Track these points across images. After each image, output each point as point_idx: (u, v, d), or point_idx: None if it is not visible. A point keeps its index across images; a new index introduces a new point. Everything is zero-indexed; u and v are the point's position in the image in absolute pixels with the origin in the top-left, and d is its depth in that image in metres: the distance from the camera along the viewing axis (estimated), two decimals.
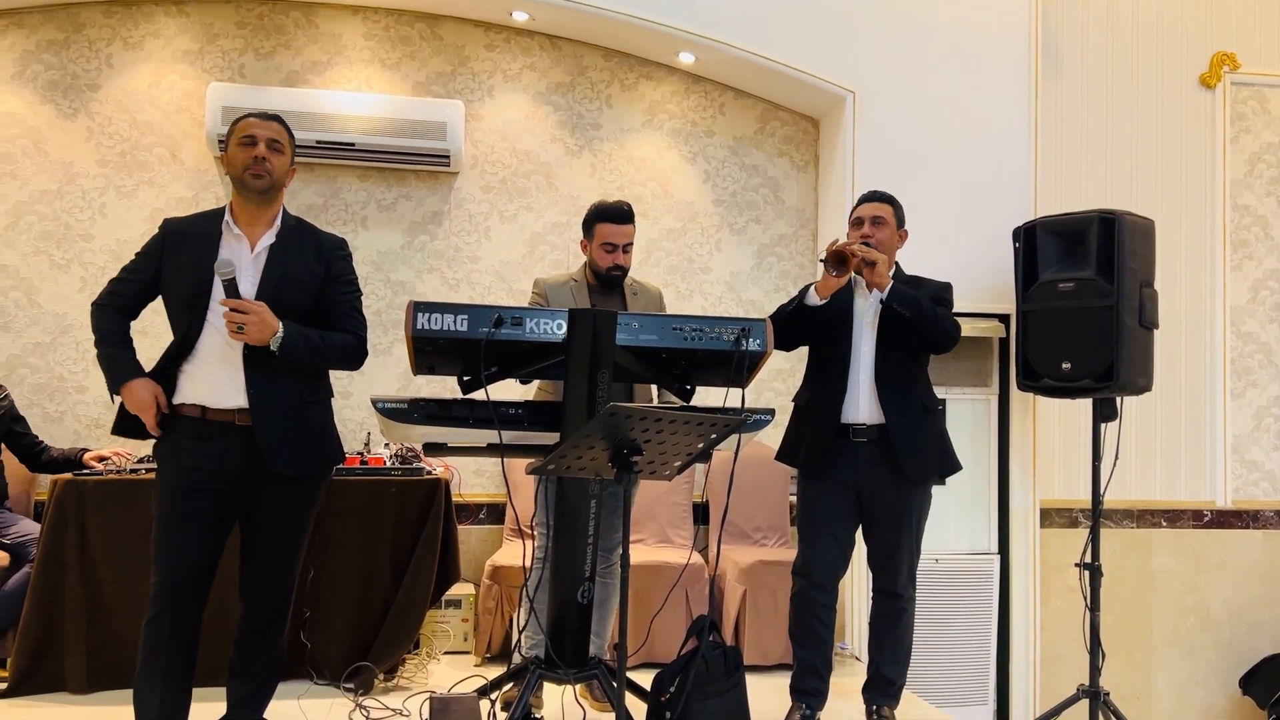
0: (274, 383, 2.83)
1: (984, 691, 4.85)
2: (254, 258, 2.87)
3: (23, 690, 3.72)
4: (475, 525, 4.89)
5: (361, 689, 3.79)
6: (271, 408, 2.82)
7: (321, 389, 3.02)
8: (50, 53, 4.73)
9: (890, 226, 3.60)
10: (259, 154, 2.84)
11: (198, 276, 2.82)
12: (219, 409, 2.82)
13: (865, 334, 3.51)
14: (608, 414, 2.51)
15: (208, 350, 2.83)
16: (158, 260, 2.91)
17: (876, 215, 3.58)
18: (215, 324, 2.81)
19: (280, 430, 2.83)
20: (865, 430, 3.47)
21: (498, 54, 5.06)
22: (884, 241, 3.55)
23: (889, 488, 3.47)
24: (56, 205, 4.71)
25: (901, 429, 3.45)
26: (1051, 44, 5.17)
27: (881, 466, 3.46)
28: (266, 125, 2.90)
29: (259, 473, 2.83)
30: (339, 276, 3.00)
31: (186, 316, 2.84)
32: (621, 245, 3.67)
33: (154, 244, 2.94)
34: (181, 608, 2.79)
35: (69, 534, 3.76)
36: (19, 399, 4.39)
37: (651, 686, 3.10)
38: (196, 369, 2.84)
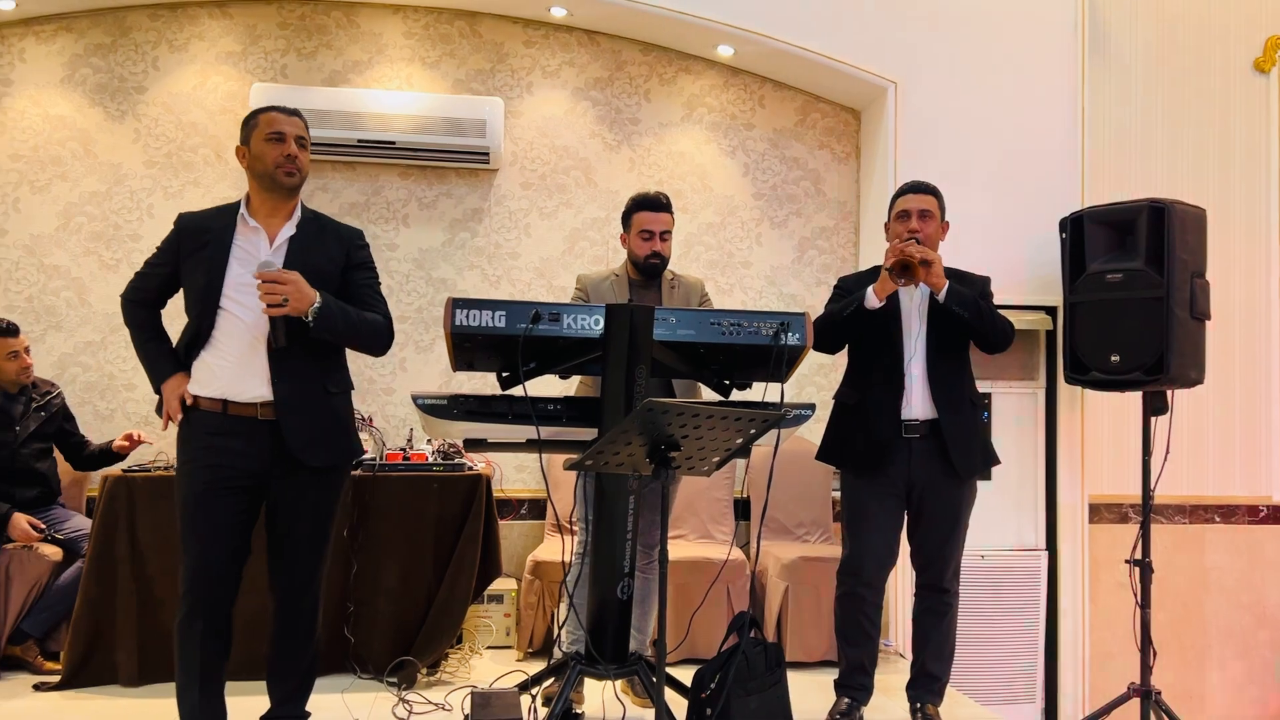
0: (299, 375, 2.83)
1: (1032, 689, 4.78)
2: (273, 251, 2.87)
3: (76, 682, 3.79)
4: (517, 520, 4.90)
5: (405, 683, 3.81)
6: (297, 400, 2.82)
7: (344, 380, 3.02)
8: (98, 56, 4.81)
9: (936, 220, 3.54)
10: (290, 151, 2.84)
11: (212, 270, 2.82)
12: (241, 402, 2.82)
13: (915, 329, 3.47)
14: (644, 409, 2.49)
15: (228, 342, 2.82)
16: (175, 254, 2.92)
17: (924, 209, 3.51)
18: (235, 314, 2.81)
19: (307, 422, 2.83)
20: (917, 426, 3.43)
21: (536, 50, 5.06)
22: (931, 236, 3.50)
23: (940, 483, 3.44)
24: (105, 206, 4.79)
25: (953, 425, 3.42)
26: (1099, 30, 5.07)
27: (933, 462, 3.42)
28: (292, 121, 2.89)
29: (282, 466, 2.83)
30: (360, 264, 3.00)
31: (199, 308, 2.85)
32: (659, 232, 3.66)
33: (170, 239, 2.96)
34: (210, 606, 2.81)
35: (119, 529, 3.82)
36: (70, 397, 4.47)
37: (692, 683, 3.08)
38: (216, 361, 2.83)
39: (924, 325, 3.46)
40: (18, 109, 4.74)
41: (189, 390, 2.86)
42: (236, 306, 2.82)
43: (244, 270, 2.83)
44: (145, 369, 2.97)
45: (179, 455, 2.90)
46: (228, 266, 2.83)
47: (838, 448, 3.59)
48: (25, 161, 4.74)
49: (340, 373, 3.01)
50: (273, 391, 2.81)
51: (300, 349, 2.83)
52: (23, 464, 4.13)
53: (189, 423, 2.86)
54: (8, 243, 4.71)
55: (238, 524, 2.84)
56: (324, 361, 2.92)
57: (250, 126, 2.90)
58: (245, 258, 2.85)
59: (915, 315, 3.47)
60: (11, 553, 4.01)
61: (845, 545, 3.57)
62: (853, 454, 3.52)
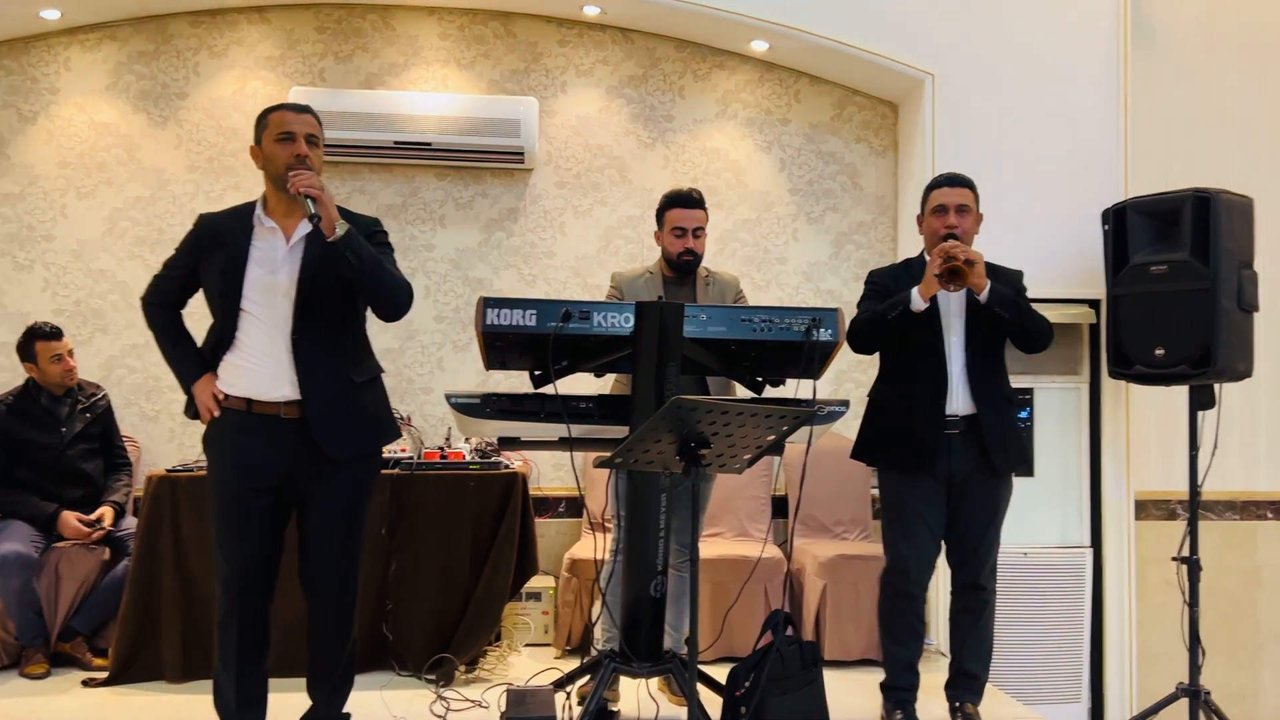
0: (323, 367, 2.83)
1: (1077, 689, 4.70)
2: (289, 249, 2.85)
3: (124, 678, 3.86)
4: (554, 519, 4.92)
5: (443, 680, 3.84)
6: (322, 395, 2.82)
7: (370, 367, 3.00)
8: (141, 63, 4.90)
9: (974, 214, 3.49)
10: (300, 151, 2.80)
11: (230, 270, 2.83)
12: (266, 401, 2.83)
13: (954, 325, 3.42)
14: (673, 406, 2.49)
15: (250, 342, 2.83)
16: (193, 256, 2.94)
17: (962, 203, 3.45)
18: (256, 315, 2.82)
19: (332, 416, 2.83)
20: (957, 423, 3.39)
21: (570, 49, 5.07)
22: (969, 231, 3.45)
23: (979, 480, 3.40)
24: (149, 210, 4.87)
25: (992, 421, 3.39)
26: (1142, 15, 4.97)
27: (972, 459, 3.38)
28: (302, 119, 2.86)
29: (309, 463, 2.83)
30: (377, 244, 2.94)
31: (220, 311, 2.87)
32: (691, 229, 3.65)
33: (189, 240, 2.97)
34: (249, 606, 2.85)
35: (164, 528, 3.89)
36: (116, 399, 4.56)
37: (726, 681, 3.07)
38: (240, 361, 2.84)
39: (963, 322, 3.42)
40: (64, 116, 4.84)
41: (217, 388, 2.88)
42: (257, 308, 2.83)
43: (262, 272, 2.83)
44: (173, 371, 2.99)
45: (208, 455, 2.94)
46: (246, 269, 2.83)
47: (877, 446, 3.54)
48: (72, 168, 4.84)
49: (364, 361, 2.98)
50: (298, 387, 2.80)
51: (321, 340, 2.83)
52: (69, 465, 4.21)
53: (215, 423, 2.89)
54: (56, 248, 4.81)
55: (269, 521, 2.87)
56: (346, 351, 2.91)
57: (261, 127, 2.89)
58: (263, 259, 2.85)
59: (955, 312, 3.43)
60: (61, 551, 4.10)
61: (889, 545, 3.52)
62: (895, 452, 3.47)
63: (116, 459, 4.42)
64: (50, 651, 4.06)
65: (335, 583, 2.93)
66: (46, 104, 4.84)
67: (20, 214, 4.80)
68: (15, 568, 3.92)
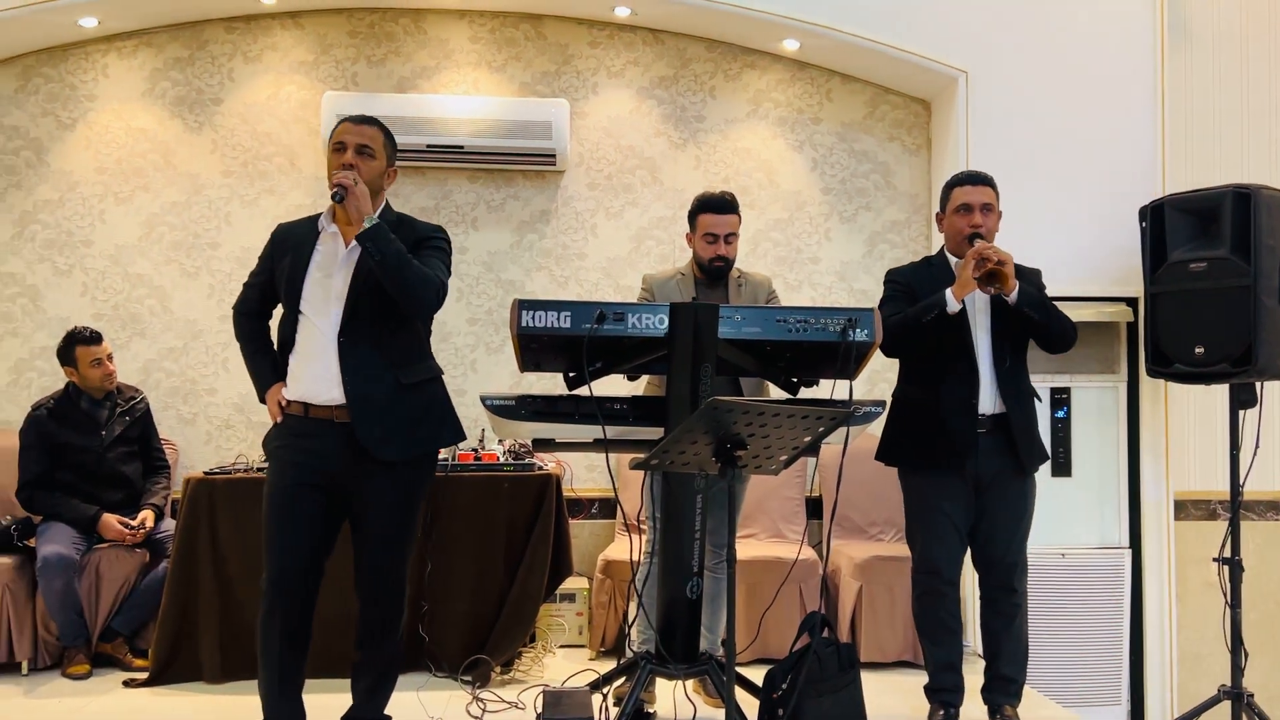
0: (368, 371, 2.86)
1: (1117, 691, 4.65)
2: (347, 253, 2.90)
3: (164, 679, 3.91)
4: (588, 520, 4.92)
5: (479, 681, 3.85)
6: (367, 397, 2.85)
7: (422, 369, 3.01)
8: (177, 70, 4.95)
9: (996, 212, 3.47)
10: (345, 161, 2.86)
11: (294, 277, 2.91)
12: (320, 405, 2.89)
13: (981, 323, 3.40)
14: (709, 408, 2.48)
15: (307, 347, 2.91)
16: (269, 263, 3.04)
17: (986, 202, 3.43)
18: (311, 318, 2.89)
19: (378, 418, 2.86)
20: (985, 421, 3.37)
21: (601, 50, 5.08)
22: (993, 229, 3.44)
23: (1007, 479, 3.39)
24: (185, 215, 4.93)
25: (1019, 418, 3.38)
26: (1179, 10, 4.91)
27: (999, 457, 3.37)
28: (359, 130, 2.92)
29: (362, 465, 2.87)
30: (427, 245, 2.97)
31: (285, 313, 2.97)
32: (723, 235, 3.64)
33: (265, 249, 3.09)
34: (292, 603, 2.87)
35: (201, 531, 3.93)
36: (154, 402, 4.60)
37: (763, 683, 3.06)
38: (298, 365, 2.93)
39: (989, 319, 3.41)
40: (102, 123, 4.90)
41: (282, 394, 2.96)
42: (312, 311, 2.90)
43: (321, 275, 2.90)
44: (251, 379, 3.09)
45: (267, 456, 3.02)
46: (307, 273, 2.91)
47: (904, 446, 3.51)
48: (109, 174, 4.90)
49: (417, 363, 3.00)
50: (343, 390, 2.85)
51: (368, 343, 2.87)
52: (109, 468, 4.26)
53: (276, 427, 2.98)
54: (94, 253, 4.87)
55: (318, 523, 2.90)
56: (396, 354, 2.92)
57: (330, 137, 2.98)
58: (323, 263, 2.92)
59: (980, 309, 3.42)
60: (101, 553, 4.15)
61: (916, 545, 3.51)
62: (926, 452, 3.44)
63: (155, 462, 4.47)
64: (92, 652, 4.11)
65: (382, 583, 2.96)
66: (85, 111, 4.90)
67: (59, 220, 4.87)
68: (57, 569, 3.97)
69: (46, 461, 4.20)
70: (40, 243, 4.85)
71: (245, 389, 4.82)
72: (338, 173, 2.82)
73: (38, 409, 4.25)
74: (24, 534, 4.19)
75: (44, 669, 4.11)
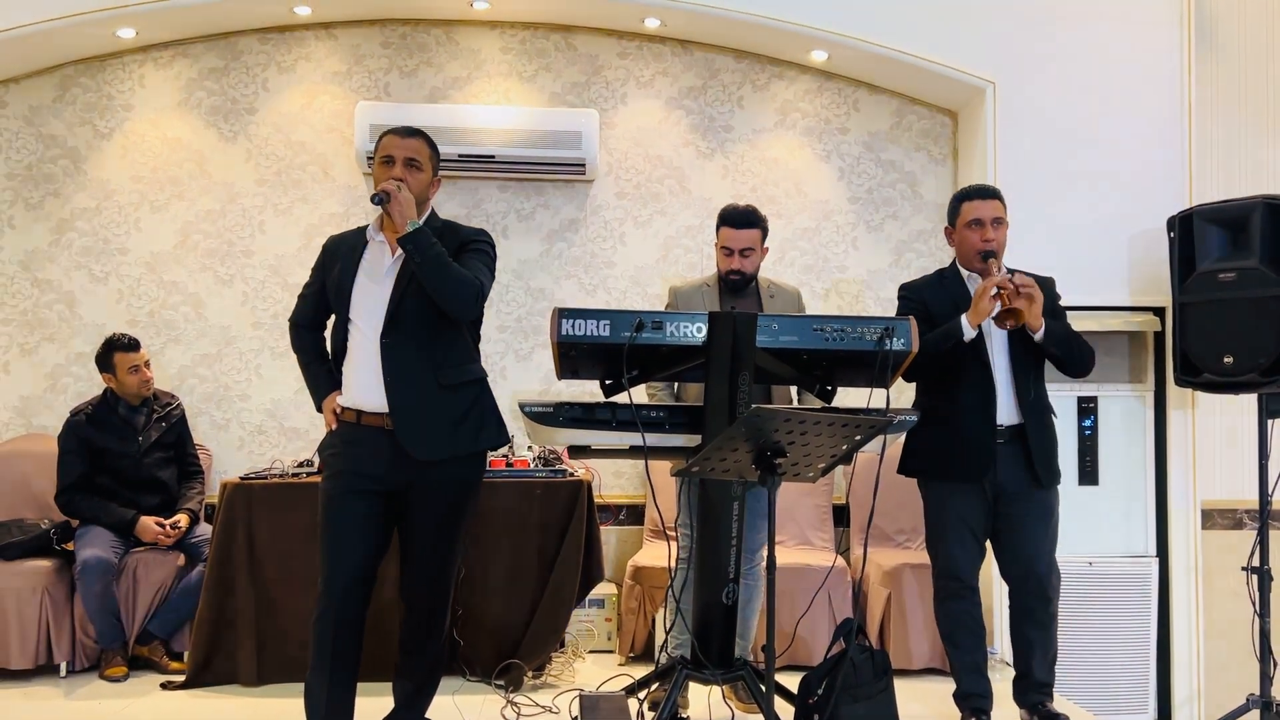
0: (408, 374, 2.91)
1: (1143, 699, 4.66)
2: (393, 262, 2.96)
3: (200, 682, 3.96)
4: (615, 526, 4.96)
5: (512, 686, 3.89)
6: (406, 399, 2.90)
7: (465, 371, 3.03)
8: (212, 80, 5.02)
9: (1007, 226, 3.50)
10: (395, 175, 2.91)
11: (343, 286, 2.98)
12: (371, 413, 2.94)
13: (997, 334, 3.43)
14: (751, 416, 2.52)
15: (357, 355, 2.97)
16: (321, 274, 3.11)
17: (997, 216, 3.46)
18: (360, 326, 2.95)
19: (417, 419, 2.91)
20: (1004, 432, 3.40)
21: (630, 61, 5.12)
22: (1004, 242, 3.47)
23: (1028, 489, 3.40)
24: (220, 224, 4.99)
25: (1036, 431, 3.40)
26: (1205, 20, 4.93)
27: (1017, 469, 3.39)
28: (405, 144, 2.97)
29: (411, 470, 2.92)
30: (471, 249, 3.02)
31: (336, 322, 3.04)
32: (739, 250, 3.66)
33: (318, 259, 3.15)
34: (344, 606, 2.91)
35: (238, 535, 3.98)
36: (188, 407, 4.66)
37: (799, 689, 3.09)
38: (350, 373, 2.99)
39: (1006, 331, 3.41)
40: (138, 132, 4.97)
41: (337, 402, 3.03)
42: (360, 318, 2.95)
43: (369, 283, 2.96)
44: (309, 390, 3.16)
45: (322, 461, 3.09)
46: (355, 282, 2.97)
47: (924, 457, 3.55)
48: (145, 183, 4.97)
49: (458, 366, 3.02)
50: (384, 388, 2.90)
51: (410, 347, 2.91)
52: (146, 473, 4.32)
53: (331, 434, 3.04)
54: (130, 260, 4.94)
55: (370, 527, 2.95)
56: (437, 357, 2.96)
57: (376, 149, 3.02)
58: (370, 271, 2.98)
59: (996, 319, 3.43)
60: (139, 557, 4.20)
61: (935, 552, 3.55)
62: (944, 462, 3.48)
63: (190, 467, 4.52)
64: (128, 655, 4.17)
65: (425, 586, 3.01)
66: (121, 120, 4.97)
67: (96, 228, 4.94)
68: (96, 573, 4.03)
69: (85, 466, 4.26)
70: (77, 250, 4.92)
71: (278, 395, 4.91)
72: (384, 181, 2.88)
73: (76, 415, 4.31)
74: (63, 538, 4.26)
75: (82, 671, 4.18)
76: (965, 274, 3.53)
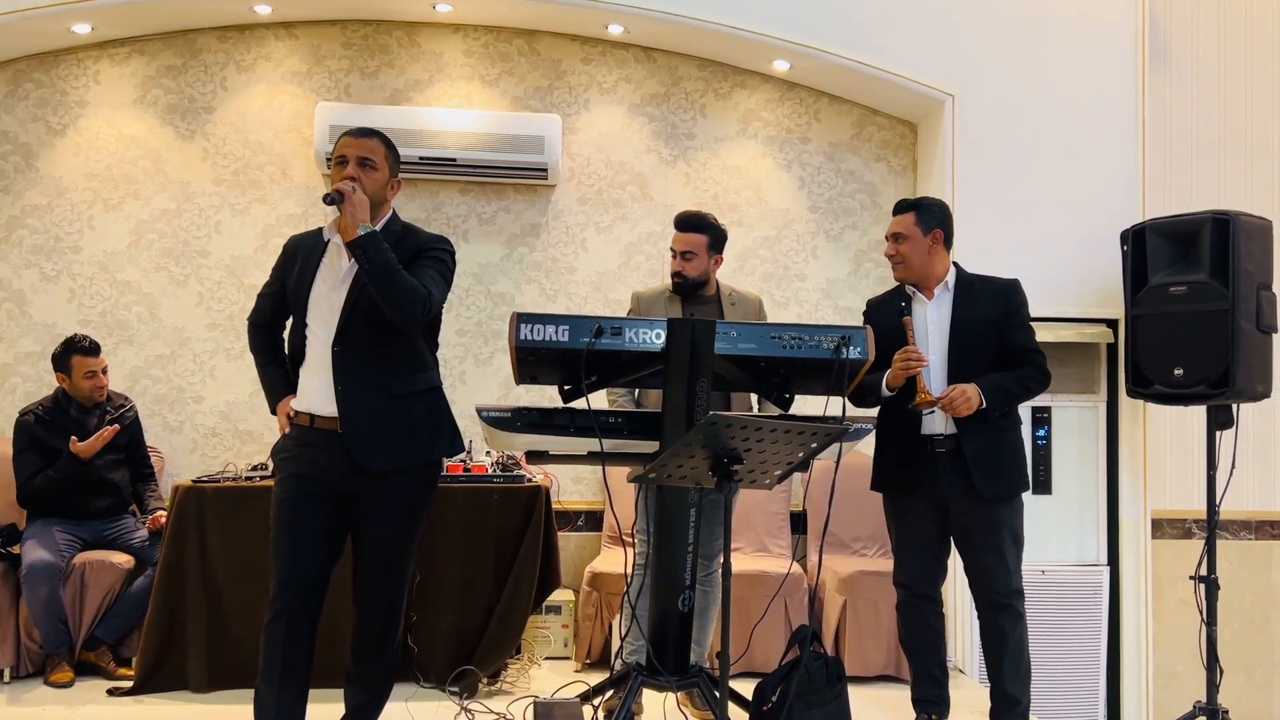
0: (360, 378, 2.87)
1: (1094, 707, 4.71)
2: (349, 267, 2.89)
3: (148, 688, 3.89)
4: (574, 532, 4.95)
5: (466, 692, 3.86)
6: (358, 408, 2.86)
7: (420, 380, 2.99)
8: (169, 78, 4.95)
9: (912, 238, 3.48)
10: (349, 175, 2.86)
11: (300, 288, 2.94)
12: (324, 416, 2.90)
13: (934, 343, 3.46)
14: (708, 423, 2.52)
15: (313, 359, 2.93)
16: (280, 275, 3.06)
17: (896, 231, 3.51)
18: (315, 330, 2.91)
19: (369, 429, 2.87)
20: (942, 441, 3.42)
21: (594, 67, 5.13)
22: (909, 254, 3.48)
23: (973, 500, 3.40)
24: (175, 223, 4.92)
25: (975, 443, 3.38)
26: (1159, 38, 5.02)
27: (962, 479, 3.40)
28: (360, 143, 2.92)
29: (363, 477, 2.88)
30: (425, 256, 2.96)
31: (293, 324, 3.00)
32: (680, 252, 3.69)
33: (278, 260, 3.09)
34: (296, 612, 2.87)
35: (189, 539, 3.92)
36: (141, 409, 4.58)
37: (753, 695, 3.09)
38: (305, 377, 2.95)
39: (946, 341, 3.46)
40: (93, 129, 4.90)
41: (290, 405, 2.99)
42: (317, 324, 2.91)
43: (326, 288, 2.91)
44: (264, 391, 3.14)
45: (274, 462, 3.03)
46: (313, 286, 2.92)
47: (877, 469, 3.61)
48: (99, 180, 4.89)
49: (412, 374, 2.97)
50: (335, 396, 2.86)
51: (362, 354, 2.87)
52: (96, 475, 4.24)
53: (284, 438, 3.00)
54: (82, 259, 4.86)
55: (322, 532, 2.91)
56: (390, 365, 2.93)
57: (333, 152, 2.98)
58: (327, 275, 2.93)
59: (935, 331, 3.48)
60: (87, 561, 4.13)
61: (895, 560, 3.61)
62: (888, 475, 3.55)
63: (143, 469, 4.46)
64: (75, 660, 4.09)
65: (378, 593, 2.96)
66: (75, 117, 4.89)
67: (48, 225, 4.85)
68: (42, 576, 3.96)
69: (41, 462, 4.19)
70: (27, 248, 4.84)
71: (232, 397, 4.85)
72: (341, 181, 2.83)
73: (25, 414, 4.24)
74: (8, 540, 4.17)
75: (26, 676, 4.09)
76: (909, 290, 3.56)
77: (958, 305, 3.48)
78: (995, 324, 3.45)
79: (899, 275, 3.55)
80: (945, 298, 3.51)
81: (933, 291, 3.52)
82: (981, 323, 3.45)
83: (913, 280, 3.53)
